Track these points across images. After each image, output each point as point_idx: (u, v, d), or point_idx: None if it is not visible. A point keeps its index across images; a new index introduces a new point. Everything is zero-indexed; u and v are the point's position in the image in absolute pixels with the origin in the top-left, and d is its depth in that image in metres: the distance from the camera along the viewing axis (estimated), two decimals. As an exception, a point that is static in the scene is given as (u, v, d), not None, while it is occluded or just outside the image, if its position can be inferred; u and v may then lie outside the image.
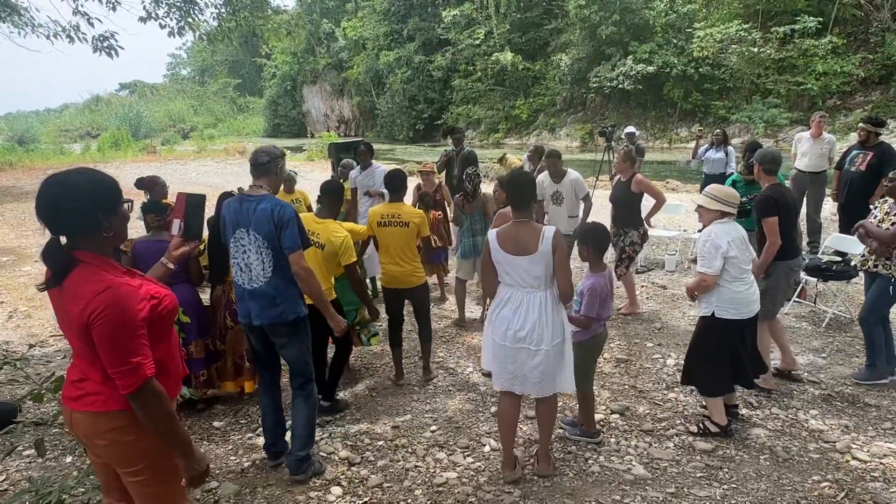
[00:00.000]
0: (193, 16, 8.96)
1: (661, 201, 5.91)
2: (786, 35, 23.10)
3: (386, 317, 4.80)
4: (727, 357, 3.67)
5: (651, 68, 25.62)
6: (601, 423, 3.89)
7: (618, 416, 4.01)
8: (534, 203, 3.24)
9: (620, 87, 26.62)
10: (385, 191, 6.59)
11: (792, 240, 4.21)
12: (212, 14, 9.29)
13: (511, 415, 3.29)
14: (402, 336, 4.73)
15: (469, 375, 4.71)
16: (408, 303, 4.67)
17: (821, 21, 22.51)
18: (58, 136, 44.60)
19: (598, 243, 3.54)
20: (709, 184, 7.57)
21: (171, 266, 2.31)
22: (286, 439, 3.55)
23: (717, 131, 8.60)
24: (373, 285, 6.75)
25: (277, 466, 3.45)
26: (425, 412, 4.16)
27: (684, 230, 8.68)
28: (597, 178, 8.60)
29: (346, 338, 4.23)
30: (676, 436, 3.76)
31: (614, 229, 5.88)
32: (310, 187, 7.62)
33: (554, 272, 3.06)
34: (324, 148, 21.33)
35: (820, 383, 4.41)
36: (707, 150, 8.39)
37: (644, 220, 5.90)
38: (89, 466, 2.72)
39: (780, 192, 4.15)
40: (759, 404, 4.11)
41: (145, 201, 4.40)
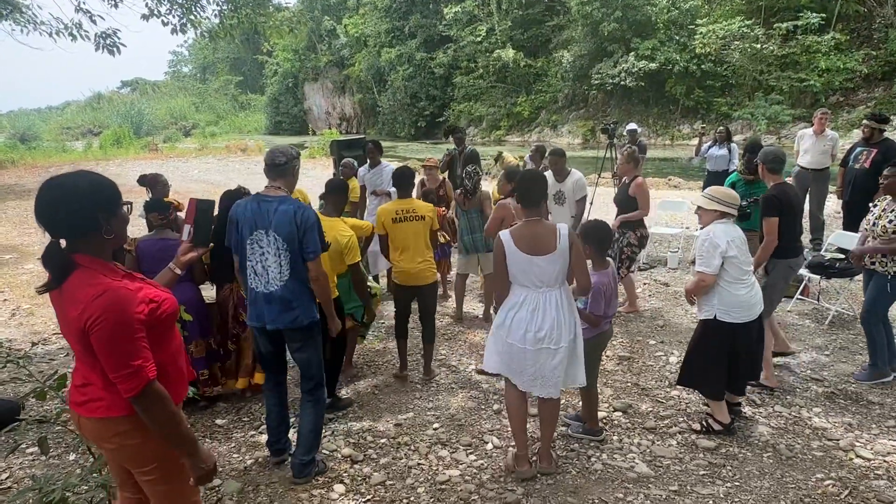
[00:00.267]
0: (195, 13, 8.95)
1: (643, 214, 5.66)
2: (788, 31, 23.02)
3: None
4: (726, 359, 3.63)
5: (653, 65, 25.56)
6: (604, 420, 3.89)
7: (620, 413, 4.01)
8: (544, 202, 3.21)
9: (622, 83, 26.57)
10: (393, 189, 6.60)
11: (794, 239, 4.19)
12: (214, 11, 9.29)
13: (520, 406, 3.28)
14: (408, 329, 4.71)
15: (471, 373, 4.71)
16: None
17: (824, 17, 22.44)
18: (60, 134, 44.68)
19: (599, 242, 3.53)
20: (711, 181, 7.62)
21: (178, 272, 2.31)
22: (289, 437, 3.55)
23: (721, 128, 8.58)
24: (375, 283, 6.74)
25: (280, 464, 3.46)
26: (428, 410, 4.16)
27: (686, 227, 8.67)
28: (599, 175, 8.58)
29: (341, 336, 4.23)
30: (679, 433, 3.75)
31: (617, 230, 5.84)
32: (311, 185, 7.62)
33: (571, 268, 3.09)
34: (325, 145, 21.30)
35: (823, 381, 4.40)
36: (710, 147, 8.36)
37: (625, 219, 5.71)
38: (93, 464, 2.72)
39: (784, 192, 4.11)
40: (762, 402, 4.10)
41: (148, 199, 4.40)
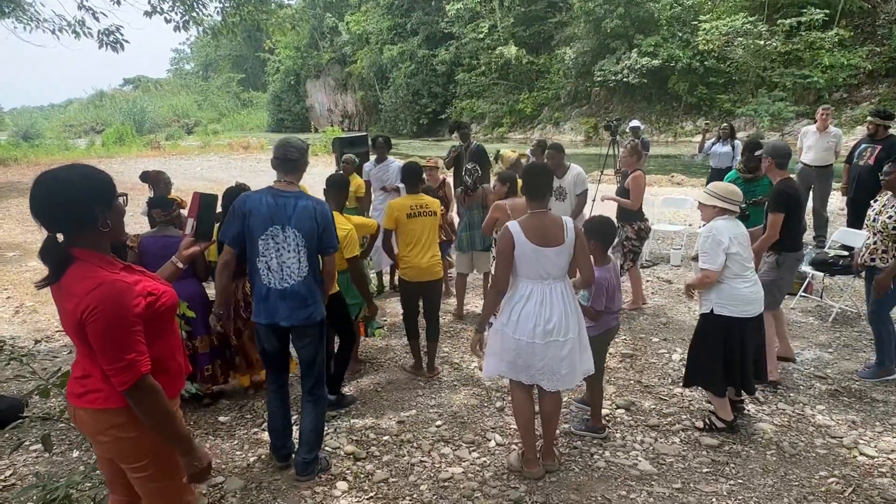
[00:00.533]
0: (198, 10, 8.94)
1: (631, 205, 5.65)
2: (792, 28, 22.97)
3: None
4: (723, 354, 3.60)
5: (656, 62, 25.52)
6: (606, 418, 3.88)
7: (623, 411, 4.00)
8: (549, 195, 3.20)
9: (625, 80, 26.53)
10: (401, 185, 6.60)
11: (800, 233, 4.32)
12: (216, 8, 9.27)
13: (528, 407, 3.26)
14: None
15: (474, 370, 4.70)
16: None
17: (827, 13, 22.38)
18: (62, 132, 44.77)
19: (603, 237, 3.54)
20: (715, 178, 7.59)
21: (180, 265, 2.30)
22: (293, 439, 3.51)
23: (724, 125, 8.55)
24: (378, 280, 6.74)
25: (287, 468, 3.40)
26: (430, 407, 4.16)
27: (689, 224, 8.65)
28: (602, 172, 8.54)
29: (349, 331, 4.23)
30: (682, 431, 3.75)
31: (618, 224, 5.84)
32: (314, 182, 7.61)
33: (574, 262, 3.12)
34: (328, 143, 21.29)
35: (826, 378, 4.39)
36: (714, 143, 8.34)
37: (601, 198, 5.75)
38: (96, 461, 2.72)
39: (792, 187, 4.21)
40: (765, 399, 4.09)
41: (151, 196, 4.41)
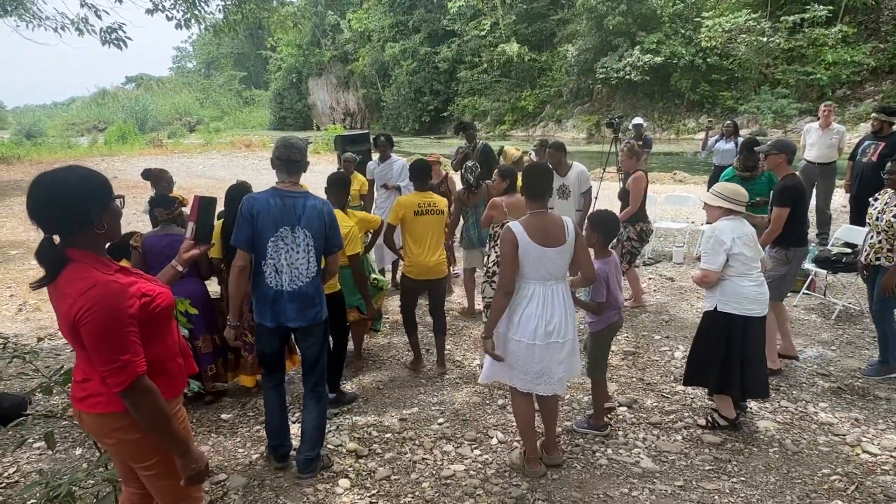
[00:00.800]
0: (199, 8, 8.95)
1: (630, 211, 5.61)
2: (795, 24, 22.89)
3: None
4: (727, 354, 3.58)
5: (658, 59, 25.44)
6: (609, 415, 3.88)
7: (625, 408, 4.00)
8: (549, 196, 3.20)
9: (627, 77, 26.47)
10: (401, 184, 6.60)
11: (805, 228, 4.42)
12: (218, 6, 9.29)
13: (529, 411, 3.26)
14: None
15: (476, 368, 4.70)
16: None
17: (831, 10, 22.29)
18: (65, 130, 44.84)
19: (607, 231, 3.56)
20: (718, 175, 7.57)
21: (181, 269, 2.31)
22: (292, 437, 3.50)
23: (728, 122, 8.50)
24: (382, 276, 6.74)
25: (285, 468, 3.39)
26: (432, 405, 4.16)
27: (692, 222, 8.64)
28: (604, 169, 8.52)
29: (343, 329, 4.23)
30: (685, 429, 3.74)
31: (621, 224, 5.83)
32: (316, 180, 7.61)
33: (575, 261, 3.14)
34: (330, 141, 21.31)
35: (829, 376, 4.38)
36: (717, 141, 8.31)
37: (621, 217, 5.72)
38: (99, 458, 2.73)
39: (798, 182, 4.31)
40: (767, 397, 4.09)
41: (153, 195, 4.41)
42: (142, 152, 26.27)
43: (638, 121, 9.83)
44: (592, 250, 3.57)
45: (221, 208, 4.28)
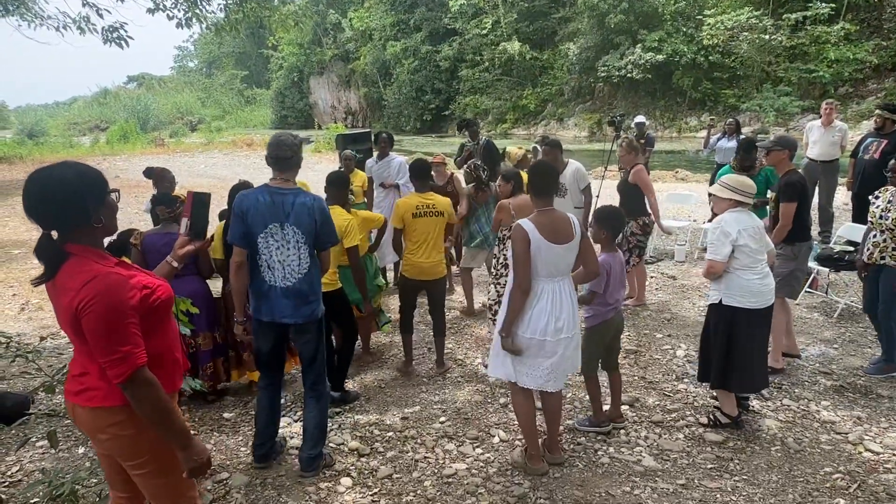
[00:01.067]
0: (201, 7, 8.93)
1: (652, 202, 5.61)
2: (797, 22, 22.82)
3: (391, 307, 4.79)
4: (730, 347, 3.57)
5: (660, 57, 25.38)
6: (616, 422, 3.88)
7: (627, 407, 3.99)
8: (554, 193, 3.21)
9: (629, 75, 26.41)
10: (400, 182, 6.58)
11: (809, 223, 4.48)
12: (219, 5, 9.27)
13: (531, 408, 3.27)
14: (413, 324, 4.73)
15: (477, 367, 4.70)
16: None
17: (833, 7, 22.22)
18: (67, 130, 44.84)
19: (613, 227, 3.59)
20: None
21: (175, 265, 2.30)
22: (276, 439, 3.49)
23: (730, 120, 8.47)
24: (383, 276, 6.73)
25: (264, 469, 3.37)
26: (434, 403, 4.16)
27: (694, 220, 8.61)
28: (605, 167, 8.52)
29: (351, 326, 4.23)
30: (686, 427, 3.74)
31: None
32: (317, 178, 7.61)
33: (581, 256, 3.17)
34: (331, 139, 21.29)
35: (832, 374, 4.37)
36: (719, 139, 8.29)
37: (659, 227, 5.82)
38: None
39: (801, 177, 4.36)
40: (769, 395, 4.08)
41: (155, 194, 4.42)
42: (144, 151, 26.27)
43: (640, 119, 9.81)
44: (599, 246, 3.58)
45: (224, 207, 4.30)
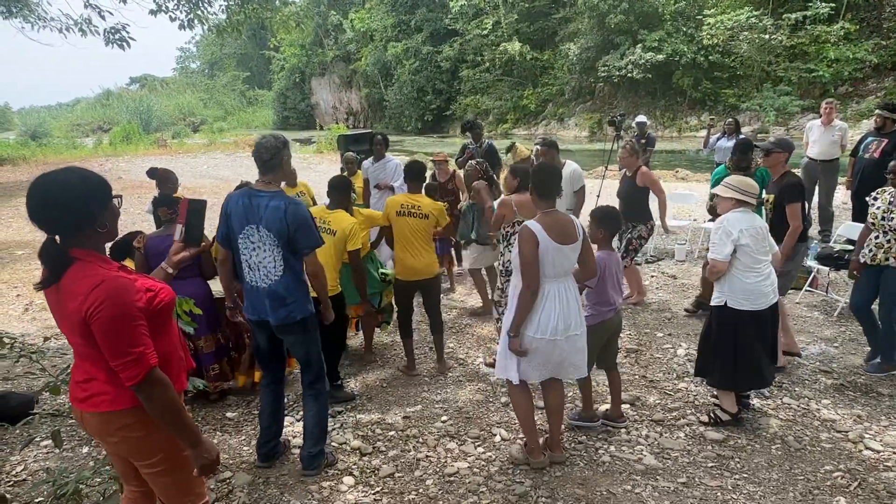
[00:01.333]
0: (203, 8, 8.95)
1: (662, 200, 5.76)
2: (797, 21, 22.77)
3: (395, 309, 4.79)
4: (736, 350, 3.57)
5: (660, 56, 25.31)
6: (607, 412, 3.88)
7: (628, 406, 3.99)
8: (557, 194, 3.22)
9: (629, 75, 26.33)
10: (395, 184, 6.58)
11: (807, 223, 4.46)
12: (221, 6, 9.29)
13: (529, 404, 3.29)
14: (413, 327, 4.73)
15: (479, 366, 4.71)
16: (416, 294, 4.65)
17: (833, 7, 22.16)
18: (70, 131, 44.83)
19: (612, 226, 3.62)
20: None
21: (171, 271, 2.31)
22: (280, 440, 3.51)
23: (730, 120, 8.46)
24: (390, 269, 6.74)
25: (268, 468, 3.38)
26: (436, 403, 4.16)
27: (694, 220, 8.60)
28: (606, 167, 8.52)
29: (340, 332, 4.24)
30: (687, 425, 3.74)
31: (624, 223, 5.82)
32: (319, 179, 7.62)
33: (582, 256, 3.19)
34: (333, 140, 21.30)
35: (832, 373, 4.37)
36: (719, 139, 8.28)
37: (663, 227, 5.86)
38: (105, 457, 2.74)
39: (800, 179, 4.41)
40: (770, 394, 4.08)
41: (156, 196, 4.42)
42: (146, 153, 26.28)
43: (641, 119, 9.80)
44: (596, 245, 3.59)
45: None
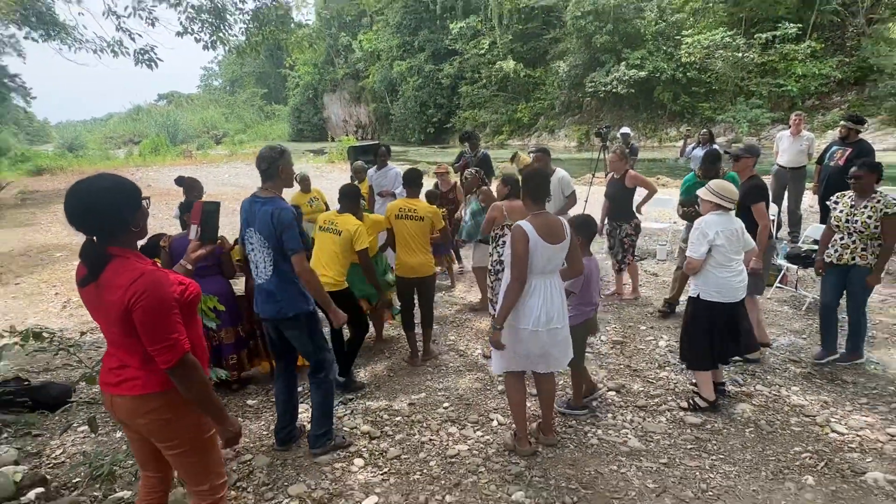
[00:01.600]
0: (224, 31, 8.93)
1: (652, 191, 5.85)
2: (768, 41, 22.80)
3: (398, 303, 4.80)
4: (710, 335, 3.62)
5: (642, 73, 25.35)
6: (598, 400, 3.88)
7: (614, 393, 3.99)
8: (547, 198, 3.22)
9: (614, 91, 26.37)
10: (396, 191, 6.57)
11: (771, 222, 4.50)
12: (241, 29, 9.27)
13: (522, 396, 3.28)
14: (415, 321, 4.73)
15: (477, 357, 4.71)
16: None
17: (800, 27, 22.21)
18: (103, 143, 44.98)
19: (588, 234, 3.60)
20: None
21: (189, 268, 2.33)
22: (297, 426, 3.52)
23: (704, 131, 8.45)
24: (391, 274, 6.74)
25: (283, 451, 3.40)
26: (438, 390, 4.16)
27: (674, 222, 8.59)
28: (593, 175, 8.51)
29: (360, 321, 4.23)
30: (668, 411, 3.74)
31: (610, 224, 5.83)
32: (330, 186, 7.63)
33: (569, 255, 3.17)
34: (343, 151, 21.37)
35: (801, 362, 4.36)
36: (694, 148, 8.28)
37: (636, 209, 5.84)
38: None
39: (763, 182, 4.39)
40: (744, 382, 4.07)
41: (182, 201, 4.43)
42: (173, 163, 26.32)
43: (625, 130, 9.80)
44: None
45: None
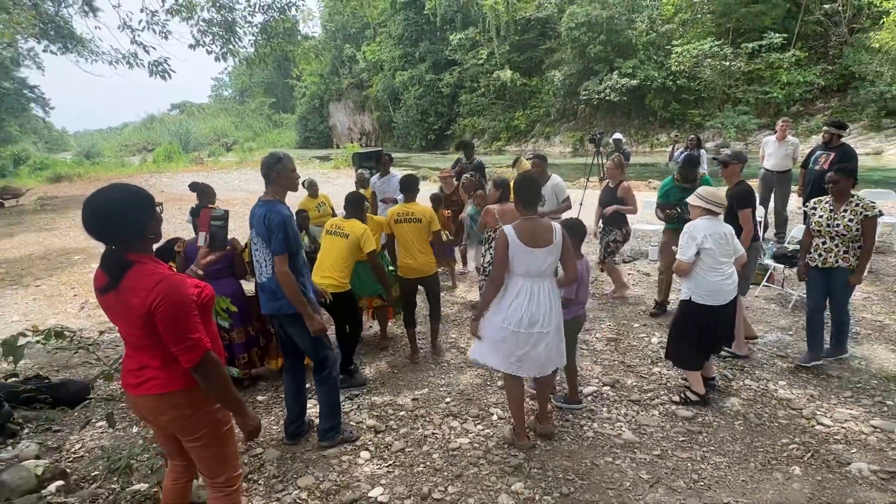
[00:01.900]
0: (234, 43, 8.95)
1: (632, 210, 5.70)
2: (754, 50, 22.82)
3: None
4: (699, 337, 3.61)
5: (634, 81, 25.36)
6: (593, 394, 3.88)
7: (609, 388, 3.99)
8: (538, 203, 3.19)
9: (607, 98, 26.38)
10: (398, 197, 6.59)
11: (757, 226, 4.48)
12: (249, 41, 9.29)
13: (520, 393, 3.27)
14: (418, 320, 4.73)
15: (478, 354, 4.70)
16: (420, 289, 4.67)
17: (785, 37, 22.24)
18: (119, 151, 45.03)
19: (579, 237, 3.59)
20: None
21: (200, 273, 2.34)
22: (305, 420, 3.52)
23: (692, 136, 8.47)
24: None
25: (293, 445, 3.40)
26: (440, 386, 4.17)
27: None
28: (587, 179, 8.53)
29: (355, 322, 4.26)
30: (661, 405, 3.74)
31: (601, 227, 5.83)
32: (336, 191, 7.64)
33: (562, 260, 3.13)
34: (348, 157, 21.39)
35: (787, 357, 4.36)
36: (682, 153, 8.29)
37: (609, 212, 5.72)
38: (153, 436, 2.75)
39: (751, 188, 4.33)
40: (733, 376, 4.07)
41: (193, 206, 4.43)
42: (185, 169, 26.32)
43: (617, 136, 9.83)
44: None
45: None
